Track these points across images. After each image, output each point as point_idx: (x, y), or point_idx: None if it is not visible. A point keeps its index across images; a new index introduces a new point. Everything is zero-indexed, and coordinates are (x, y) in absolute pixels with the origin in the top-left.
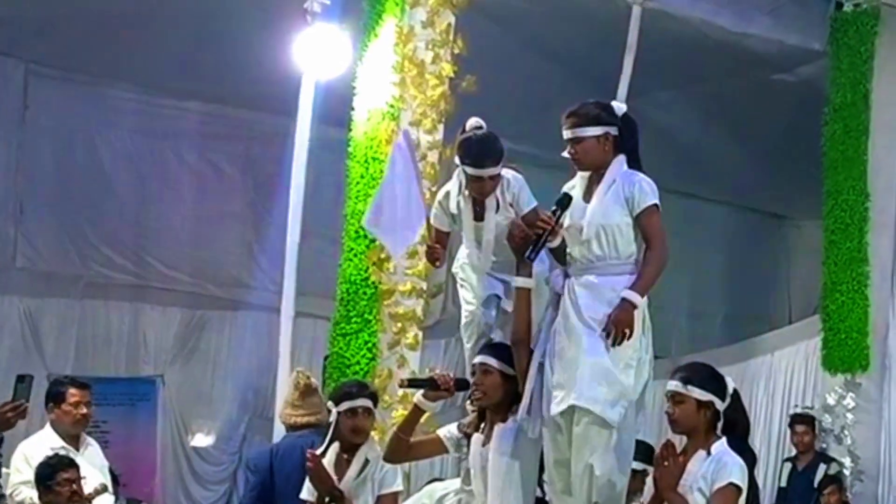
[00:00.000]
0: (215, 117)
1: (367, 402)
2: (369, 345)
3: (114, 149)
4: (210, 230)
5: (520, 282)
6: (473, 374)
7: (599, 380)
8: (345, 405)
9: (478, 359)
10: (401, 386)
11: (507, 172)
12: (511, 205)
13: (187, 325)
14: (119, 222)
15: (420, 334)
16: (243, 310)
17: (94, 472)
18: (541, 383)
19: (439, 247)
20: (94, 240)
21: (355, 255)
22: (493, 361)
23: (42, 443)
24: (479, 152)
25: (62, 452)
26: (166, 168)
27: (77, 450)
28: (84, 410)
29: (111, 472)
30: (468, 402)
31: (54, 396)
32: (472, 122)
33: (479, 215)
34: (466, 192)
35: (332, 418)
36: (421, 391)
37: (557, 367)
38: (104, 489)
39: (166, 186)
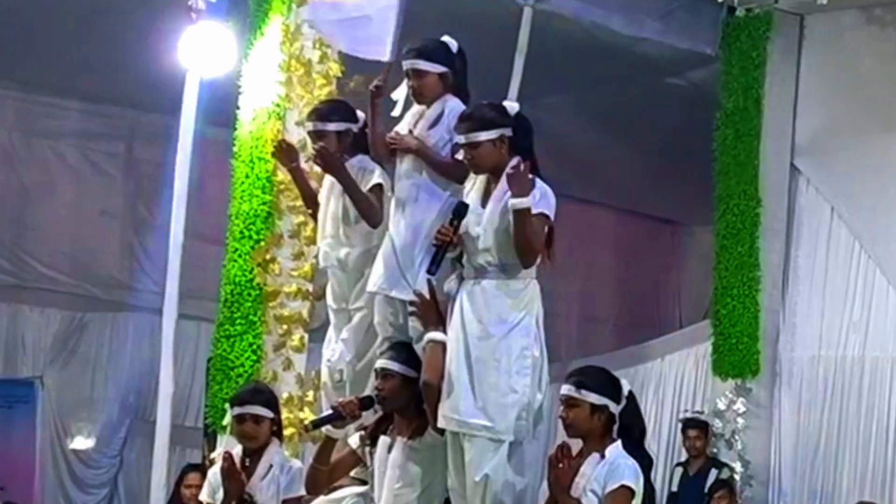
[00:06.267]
0: (96, 116)
1: (257, 409)
2: (254, 347)
3: None
4: (91, 230)
5: (437, 337)
6: (377, 377)
7: (487, 393)
8: (235, 410)
9: (378, 363)
10: (306, 431)
11: (455, 103)
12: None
13: (67, 327)
14: None
15: (306, 337)
16: (125, 311)
17: None
18: None
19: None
20: None
21: (240, 257)
22: (392, 365)
23: None
24: (412, 45)
25: None
26: (46, 167)
27: None
28: None
29: None
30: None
31: None
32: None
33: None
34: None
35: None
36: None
37: (446, 377)
38: None
39: (46, 185)
